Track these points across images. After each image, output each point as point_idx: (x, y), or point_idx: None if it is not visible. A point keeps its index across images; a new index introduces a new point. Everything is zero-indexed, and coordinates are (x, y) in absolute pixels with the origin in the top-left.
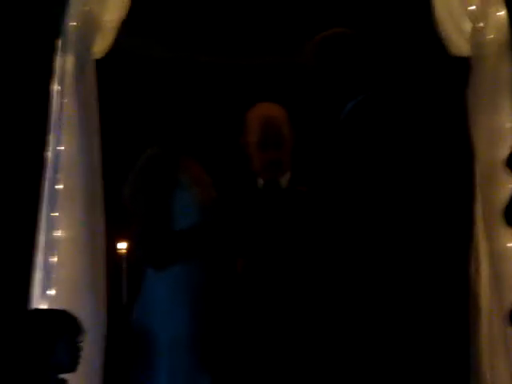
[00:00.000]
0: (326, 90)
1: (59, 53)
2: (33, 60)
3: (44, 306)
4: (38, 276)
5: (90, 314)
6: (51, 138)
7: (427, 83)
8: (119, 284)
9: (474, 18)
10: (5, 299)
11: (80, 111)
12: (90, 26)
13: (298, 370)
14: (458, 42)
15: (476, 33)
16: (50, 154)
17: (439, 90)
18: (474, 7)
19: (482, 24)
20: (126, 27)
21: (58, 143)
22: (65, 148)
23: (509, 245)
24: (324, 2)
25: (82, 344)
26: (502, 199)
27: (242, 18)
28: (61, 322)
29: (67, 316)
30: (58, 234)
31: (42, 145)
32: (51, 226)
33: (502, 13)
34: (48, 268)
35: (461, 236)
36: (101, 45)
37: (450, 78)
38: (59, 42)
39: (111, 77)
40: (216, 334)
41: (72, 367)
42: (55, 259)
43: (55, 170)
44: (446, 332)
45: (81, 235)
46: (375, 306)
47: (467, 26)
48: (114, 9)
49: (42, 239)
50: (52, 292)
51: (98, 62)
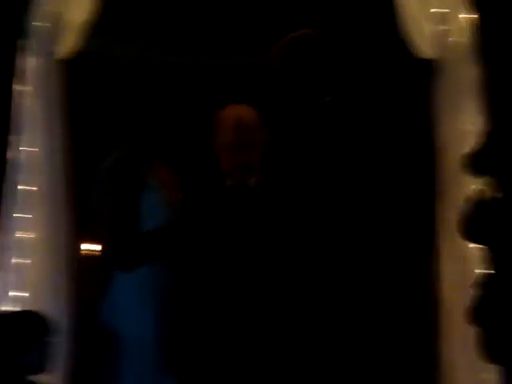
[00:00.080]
0: (292, 91)
1: (23, 53)
2: None
3: (12, 308)
4: (1, 277)
5: (57, 315)
6: (14, 139)
7: (392, 85)
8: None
9: (438, 20)
10: None
11: (44, 112)
12: (54, 27)
13: (266, 372)
14: (422, 44)
15: (440, 35)
16: (12, 155)
17: (404, 92)
18: (437, 10)
19: (445, 26)
20: (91, 27)
21: (21, 144)
22: (28, 149)
23: (470, 245)
24: (290, 3)
25: (52, 344)
26: (464, 200)
27: (208, 18)
28: (29, 322)
29: (36, 317)
30: (21, 235)
31: (4, 145)
32: (14, 228)
33: (466, 16)
34: (15, 270)
35: (423, 236)
36: (66, 45)
37: (415, 80)
38: (23, 42)
39: (76, 78)
40: (182, 336)
41: (42, 368)
42: (21, 261)
43: (18, 171)
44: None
45: (46, 237)
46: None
47: (431, 29)
48: (78, 9)
49: (5, 240)
50: (18, 293)
51: (65, 62)
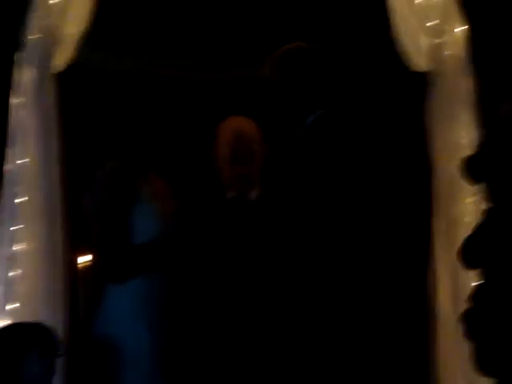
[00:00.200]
0: (286, 103)
1: (19, 66)
2: None
3: (6, 321)
4: None
5: (52, 327)
6: (10, 151)
7: (387, 98)
8: (79, 297)
9: (433, 33)
10: None
11: (40, 124)
12: (49, 40)
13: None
14: (417, 57)
15: (435, 48)
16: (9, 167)
17: (398, 105)
18: (432, 23)
19: (440, 40)
20: (87, 41)
21: (18, 156)
22: (24, 161)
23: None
24: (285, 16)
25: (58, 356)
26: (459, 213)
27: (203, 31)
28: (30, 335)
29: (39, 329)
30: (18, 247)
31: (1, 158)
32: (11, 240)
33: (461, 29)
34: (9, 282)
35: (419, 248)
36: (61, 58)
37: (409, 93)
38: (19, 55)
39: (71, 90)
40: (177, 346)
41: (45, 380)
42: (16, 273)
43: (15, 183)
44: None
45: (41, 248)
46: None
47: (426, 42)
48: (74, 22)
49: (1, 253)
50: (13, 306)
51: (60, 75)
